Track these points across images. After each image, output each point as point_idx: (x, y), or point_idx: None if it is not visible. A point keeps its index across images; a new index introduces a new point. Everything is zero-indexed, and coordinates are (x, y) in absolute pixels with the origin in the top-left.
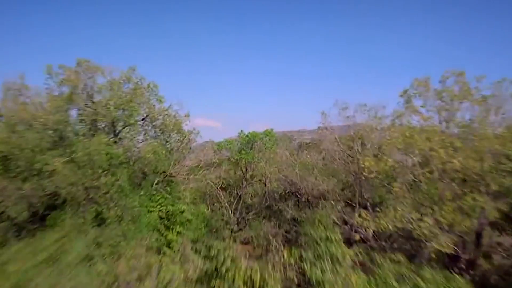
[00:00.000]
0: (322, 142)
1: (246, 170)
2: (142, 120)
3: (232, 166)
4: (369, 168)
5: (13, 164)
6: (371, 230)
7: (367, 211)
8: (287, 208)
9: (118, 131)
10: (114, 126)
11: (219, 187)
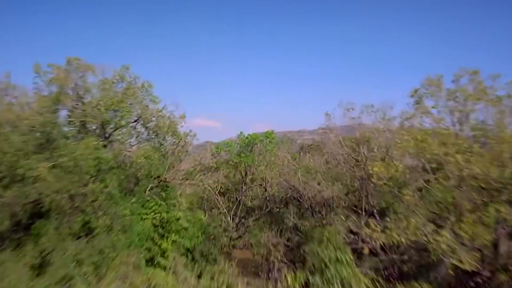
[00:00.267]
0: (325, 144)
1: (246, 174)
2: (135, 122)
3: (231, 170)
4: (378, 174)
5: None
6: (380, 242)
7: (375, 219)
8: (289, 216)
9: (108, 134)
10: (104, 128)
11: (217, 191)
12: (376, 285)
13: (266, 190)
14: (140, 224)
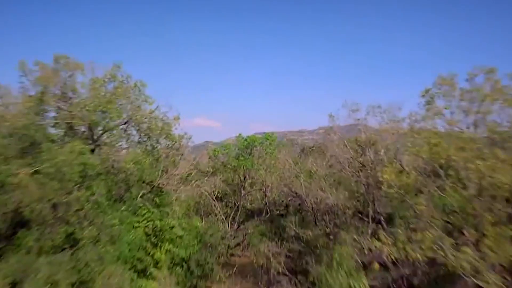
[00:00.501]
0: (328, 146)
1: (245, 178)
2: (125, 124)
3: (229, 174)
4: (389, 182)
5: None
6: (392, 257)
7: (382, 227)
8: (290, 224)
9: (97, 137)
10: (92, 131)
11: (214, 196)
12: None
13: (266, 195)
14: (131, 233)
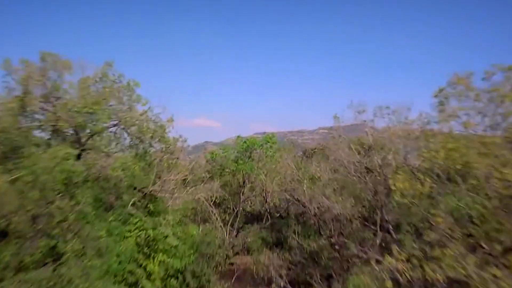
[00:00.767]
0: (332, 150)
1: (244, 182)
2: (115, 126)
3: (228, 178)
4: (402, 191)
5: None
6: (408, 275)
7: (391, 237)
8: (293, 235)
9: (84, 141)
10: (78, 134)
11: (212, 202)
12: None
13: (266, 201)
14: (122, 243)
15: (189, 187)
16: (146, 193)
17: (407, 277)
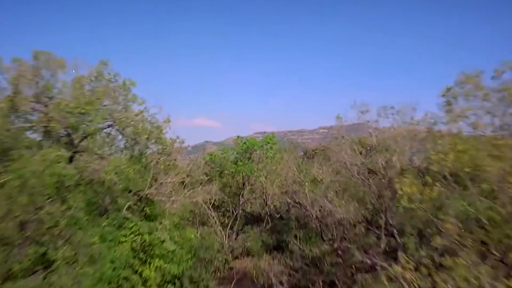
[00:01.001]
0: (334, 151)
1: (244, 185)
2: (109, 127)
3: (227, 180)
4: (409, 196)
5: None
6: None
7: (396, 241)
8: (295, 241)
9: (77, 142)
10: (70, 136)
11: (210, 205)
12: None
13: (266, 204)
14: (117, 248)
15: (187, 189)
16: (142, 196)
17: (415, 287)
